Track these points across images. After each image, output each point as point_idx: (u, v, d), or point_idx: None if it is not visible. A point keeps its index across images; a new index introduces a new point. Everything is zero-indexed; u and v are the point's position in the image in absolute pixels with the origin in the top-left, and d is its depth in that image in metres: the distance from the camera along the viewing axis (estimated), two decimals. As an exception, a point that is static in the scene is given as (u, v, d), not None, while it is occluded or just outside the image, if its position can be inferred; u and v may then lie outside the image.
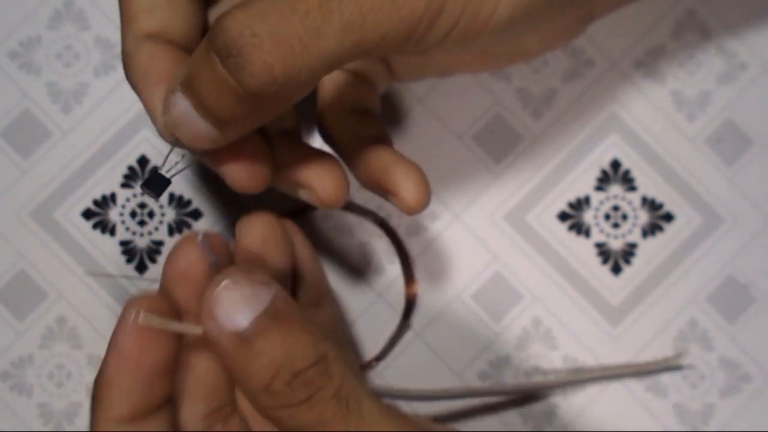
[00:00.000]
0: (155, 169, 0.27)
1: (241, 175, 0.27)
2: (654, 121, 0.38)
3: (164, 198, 0.38)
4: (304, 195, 0.29)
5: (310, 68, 0.23)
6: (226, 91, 0.23)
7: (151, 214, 0.38)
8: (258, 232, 0.28)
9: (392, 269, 0.38)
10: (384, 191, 0.30)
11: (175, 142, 0.26)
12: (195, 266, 0.26)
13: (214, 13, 0.30)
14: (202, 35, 0.29)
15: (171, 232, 0.38)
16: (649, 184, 0.38)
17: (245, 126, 0.25)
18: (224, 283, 0.24)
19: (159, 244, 0.38)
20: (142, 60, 0.27)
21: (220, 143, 0.25)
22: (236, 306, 0.24)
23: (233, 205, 0.38)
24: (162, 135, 0.27)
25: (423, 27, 0.24)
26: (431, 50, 0.26)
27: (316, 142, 0.35)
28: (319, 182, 0.29)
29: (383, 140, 0.31)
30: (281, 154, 0.29)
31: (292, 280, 0.30)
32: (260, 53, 0.23)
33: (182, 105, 0.24)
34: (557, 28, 0.29)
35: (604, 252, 0.38)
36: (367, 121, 0.32)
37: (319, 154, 0.29)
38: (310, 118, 0.33)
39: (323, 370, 0.24)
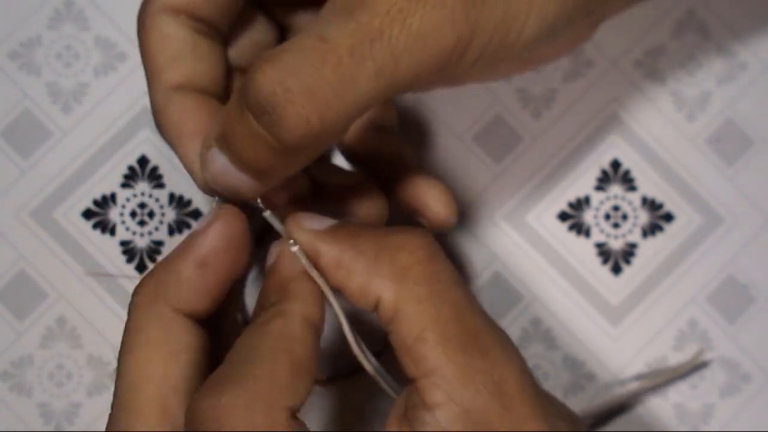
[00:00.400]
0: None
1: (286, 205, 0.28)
2: (654, 121, 0.38)
3: (164, 198, 0.38)
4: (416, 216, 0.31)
5: (345, 115, 0.23)
6: (262, 146, 0.24)
7: (151, 214, 0.38)
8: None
9: (392, 269, 0.38)
10: (411, 210, 0.31)
11: (214, 193, 0.26)
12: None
13: (233, 53, 0.30)
14: (227, 78, 0.29)
15: (171, 232, 0.38)
16: (649, 184, 0.38)
17: (283, 174, 0.25)
18: (294, 212, 0.27)
19: (159, 244, 0.38)
20: (174, 115, 0.27)
21: (260, 192, 0.26)
22: (312, 216, 0.27)
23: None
24: (202, 189, 0.27)
25: (455, 59, 0.24)
26: (461, 78, 0.26)
27: (338, 159, 0.36)
28: (430, 205, 0.30)
29: (405, 156, 0.32)
30: (391, 182, 0.30)
31: None
32: (294, 108, 0.22)
33: (220, 161, 0.25)
34: (572, 36, 0.29)
35: (604, 252, 0.38)
36: (388, 138, 0.32)
37: (426, 177, 0.31)
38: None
39: None
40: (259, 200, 0.27)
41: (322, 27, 0.23)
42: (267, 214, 0.27)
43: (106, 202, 0.38)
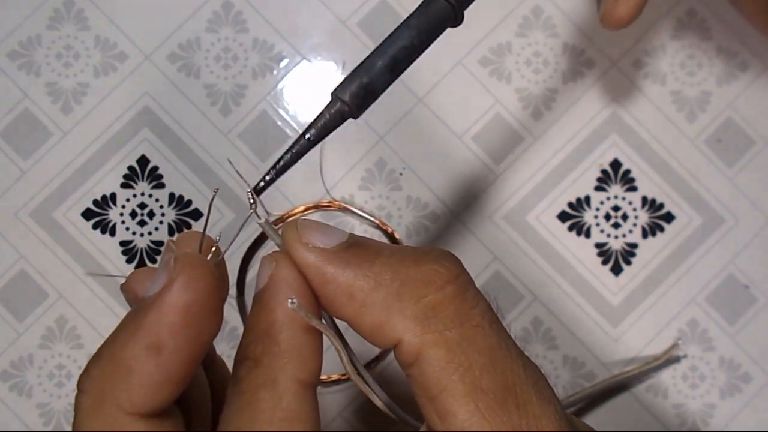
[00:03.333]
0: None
1: None
2: (654, 121, 0.38)
3: (164, 198, 0.38)
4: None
5: None
6: None
7: (151, 214, 0.38)
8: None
9: (392, 269, 0.38)
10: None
11: None
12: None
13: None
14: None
15: (171, 232, 0.38)
16: (649, 184, 0.38)
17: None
18: (300, 219, 0.23)
19: (159, 244, 0.38)
20: None
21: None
22: (322, 230, 0.23)
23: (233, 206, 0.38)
24: None
25: None
26: None
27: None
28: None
29: None
30: None
31: None
32: None
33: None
34: None
35: (604, 252, 0.38)
36: None
37: None
38: None
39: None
40: (250, 198, 0.23)
41: None
42: (262, 222, 0.23)
43: (106, 202, 0.38)
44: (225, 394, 0.23)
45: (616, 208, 0.38)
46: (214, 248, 0.23)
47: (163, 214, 0.38)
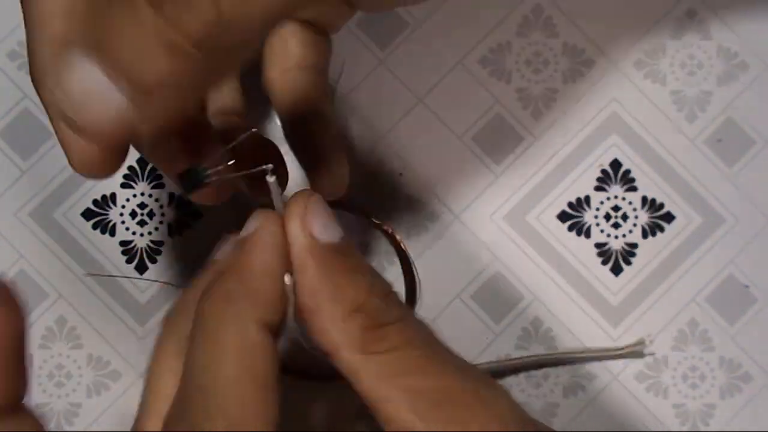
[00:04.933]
0: (196, 168, 0.24)
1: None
2: (654, 121, 0.38)
3: (164, 198, 0.38)
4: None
5: (252, 14, 0.19)
6: (157, 45, 0.18)
7: (151, 214, 0.38)
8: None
9: (392, 269, 0.38)
10: (305, 170, 0.30)
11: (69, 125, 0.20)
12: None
13: None
14: None
15: (171, 232, 0.38)
16: (649, 184, 0.38)
17: (176, 93, 0.20)
18: (315, 197, 0.23)
19: (159, 244, 0.38)
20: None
21: (136, 128, 0.20)
22: (326, 220, 0.23)
23: (233, 206, 0.38)
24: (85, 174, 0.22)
25: None
26: None
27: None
28: (322, 184, 0.29)
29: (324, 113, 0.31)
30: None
31: None
32: None
33: (90, 75, 0.19)
34: None
35: (604, 252, 0.38)
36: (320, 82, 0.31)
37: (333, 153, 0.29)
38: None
39: (398, 297, 0.24)
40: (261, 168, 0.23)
41: None
42: (272, 181, 0.23)
43: (106, 202, 0.38)
44: None
45: (616, 208, 0.38)
46: None
47: (163, 214, 0.38)
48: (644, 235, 0.38)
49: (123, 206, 0.38)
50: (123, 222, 0.38)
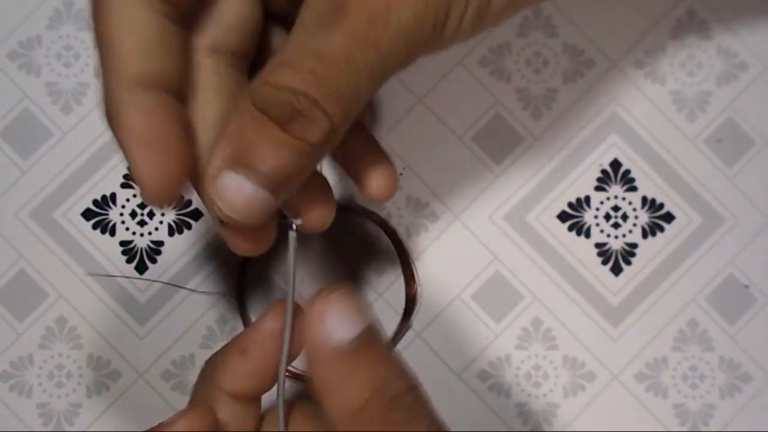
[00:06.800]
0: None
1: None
2: (654, 121, 0.38)
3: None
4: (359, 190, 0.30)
5: (359, 105, 0.24)
6: (289, 153, 0.23)
7: (151, 214, 0.38)
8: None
9: (392, 269, 0.38)
10: (353, 176, 0.31)
11: (229, 222, 0.24)
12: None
13: (205, 35, 0.27)
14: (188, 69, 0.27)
15: (171, 232, 0.38)
16: (649, 184, 0.38)
17: (305, 176, 0.25)
18: (337, 293, 0.24)
19: (159, 244, 0.38)
20: (133, 117, 0.24)
21: (273, 210, 0.25)
22: (344, 317, 0.24)
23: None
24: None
25: (435, 36, 0.25)
26: (444, 47, 0.26)
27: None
28: (370, 186, 0.30)
29: (362, 118, 0.32)
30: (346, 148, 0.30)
31: None
32: (319, 109, 0.23)
33: (236, 183, 0.24)
34: None
35: (604, 252, 0.38)
36: None
37: (372, 149, 0.30)
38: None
39: (419, 396, 0.24)
40: (287, 216, 0.26)
41: (312, 42, 0.23)
42: (293, 234, 0.26)
43: (106, 202, 0.38)
44: None
45: (616, 208, 0.38)
46: None
47: (163, 214, 0.38)
48: (644, 235, 0.38)
49: (123, 206, 0.38)
50: (123, 222, 0.38)
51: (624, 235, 0.38)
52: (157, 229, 0.38)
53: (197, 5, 0.26)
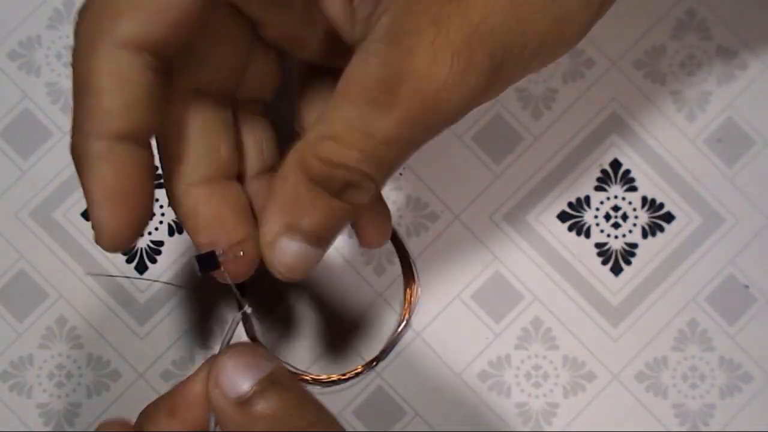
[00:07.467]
0: (213, 252, 0.27)
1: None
2: (654, 120, 0.38)
3: (164, 198, 0.38)
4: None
5: (407, 160, 0.26)
6: (341, 216, 0.25)
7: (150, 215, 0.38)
8: None
9: (392, 269, 0.38)
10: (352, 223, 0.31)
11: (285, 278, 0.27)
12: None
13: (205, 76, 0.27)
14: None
15: (171, 232, 0.38)
16: (649, 184, 0.38)
17: (344, 229, 0.27)
18: (229, 352, 0.26)
19: (159, 244, 0.38)
20: (107, 172, 0.23)
21: (320, 259, 0.27)
22: (238, 372, 0.25)
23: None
24: (105, 249, 0.25)
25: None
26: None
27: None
28: (367, 235, 0.31)
29: None
30: None
31: None
32: (370, 177, 0.25)
33: (293, 247, 0.26)
34: None
35: (604, 252, 0.38)
36: None
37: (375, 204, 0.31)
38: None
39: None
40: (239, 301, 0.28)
41: (362, 122, 0.24)
42: (237, 318, 0.29)
43: (106, 202, 0.38)
44: None
45: (616, 208, 0.38)
46: None
47: (163, 214, 0.38)
48: (644, 235, 0.38)
49: (123, 206, 0.38)
50: (123, 222, 0.38)
51: (624, 235, 0.38)
52: (157, 229, 0.38)
53: (187, 52, 0.25)
